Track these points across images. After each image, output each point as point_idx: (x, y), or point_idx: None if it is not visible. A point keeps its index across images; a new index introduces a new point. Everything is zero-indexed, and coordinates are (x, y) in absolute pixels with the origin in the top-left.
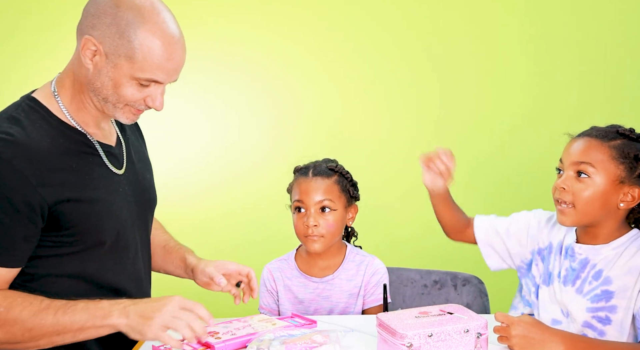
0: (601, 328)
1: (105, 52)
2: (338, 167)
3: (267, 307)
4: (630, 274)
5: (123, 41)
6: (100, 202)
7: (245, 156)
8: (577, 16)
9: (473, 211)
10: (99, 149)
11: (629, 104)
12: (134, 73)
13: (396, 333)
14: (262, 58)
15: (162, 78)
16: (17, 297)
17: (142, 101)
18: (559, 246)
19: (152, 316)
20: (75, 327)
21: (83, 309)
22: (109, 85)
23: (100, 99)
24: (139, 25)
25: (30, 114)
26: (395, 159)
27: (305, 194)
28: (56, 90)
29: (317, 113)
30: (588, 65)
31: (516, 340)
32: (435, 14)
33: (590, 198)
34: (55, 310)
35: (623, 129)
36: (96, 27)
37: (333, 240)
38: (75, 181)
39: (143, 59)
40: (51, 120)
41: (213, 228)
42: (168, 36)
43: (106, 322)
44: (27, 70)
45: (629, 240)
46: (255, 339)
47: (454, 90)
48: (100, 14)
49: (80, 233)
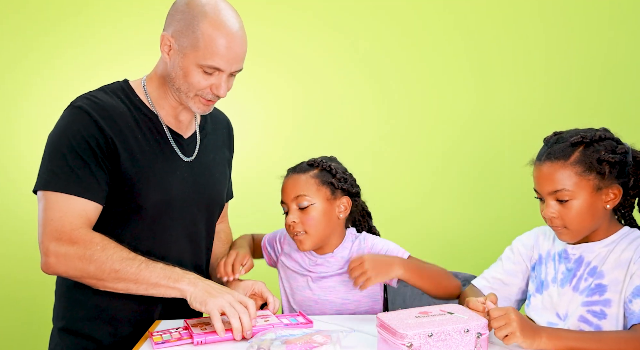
0: (597, 323)
1: (176, 44)
2: (318, 161)
3: (265, 245)
4: (620, 268)
5: (189, 32)
6: (153, 173)
7: (269, 156)
8: (577, 16)
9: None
10: (168, 134)
11: (624, 103)
12: (198, 60)
13: (396, 333)
14: (272, 58)
15: (223, 66)
16: (110, 241)
17: (208, 89)
18: (548, 255)
19: (216, 295)
20: (151, 281)
21: (161, 269)
22: (180, 74)
23: (175, 89)
24: (202, 19)
25: (118, 90)
26: (395, 159)
27: (284, 192)
28: (145, 83)
29: (320, 113)
30: (587, 66)
31: (516, 325)
32: (438, 14)
33: (579, 216)
34: (139, 263)
35: (575, 138)
36: (171, 24)
37: (321, 236)
38: (136, 149)
39: (205, 47)
40: (134, 99)
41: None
42: (227, 28)
43: (177, 285)
44: None
45: (620, 237)
46: (256, 338)
47: (459, 90)
48: (174, 13)
49: (125, 194)
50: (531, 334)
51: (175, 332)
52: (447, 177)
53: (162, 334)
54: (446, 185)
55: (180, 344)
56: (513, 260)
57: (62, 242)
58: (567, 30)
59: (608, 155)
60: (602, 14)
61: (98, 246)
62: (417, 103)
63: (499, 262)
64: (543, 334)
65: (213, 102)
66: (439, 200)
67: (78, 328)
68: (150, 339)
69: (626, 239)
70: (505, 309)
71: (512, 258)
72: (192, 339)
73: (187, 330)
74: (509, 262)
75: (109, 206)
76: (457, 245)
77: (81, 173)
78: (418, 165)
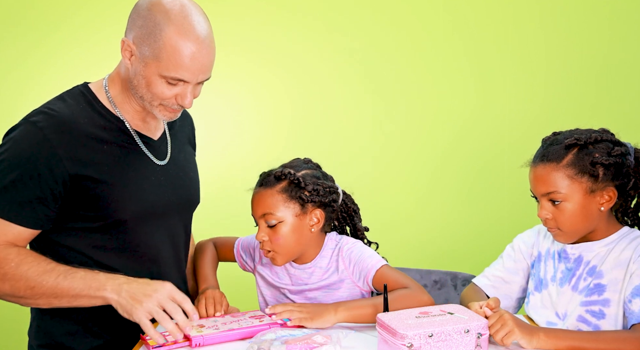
0: (596, 323)
1: (138, 52)
2: (287, 172)
3: (239, 250)
4: (620, 267)
5: (150, 41)
6: (127, 183)
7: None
8: (576, 16)
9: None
10: (136, 138)
11: (624, 103)
12: (161, 71)
13: (396, 333)
14: (267, 57)
15: (188, 77)
16: (28, 255)
17: (173, 99)
18: (547, 253)
19: (141, 300)
20: (71, 293)
21: (81, 278)
22: (143, 83)
23: (138, 97)
24: (165, 27)
25: (78, 96)
26: (393, 159)
27: (252, 207)
28: (107, 85)
29: (316, 113)
30: (586, 66)
31: (511, 323)
32: (435, 14)
33: (572, 218)
34: (57, 274)
35: (569, 140)
36: (132, 29)
37: (294, 252)
38: (105, 160)
39: (167, 58)
40: (96, 105)
41: (214, 229)
42: (192, 37)
43: (99, 294)
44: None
45: (620, 237)
46: (256, 339)
47: (456, 90)
48: (135, 17)
49: (103, 209)
50: (529, 332)
51: (169, 335)
52: (446, 177)
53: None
54: (445, 186)
55: (178, 346)
56: (514, 257)
57: None
58: (566, 30)
59: (602, 158)
60: (601, 13)
61: (12, 263)
62: (414, 103)
63: (500, 259)
64: (540, 332)
65: (179, 111)
66: (438, 201)
67: (62, 342)
68: (145, 343)
69: (626, 239)
70: (499, 313)
71: (512, 256)
72: (190, 342)
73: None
74: (509, 260)
75: (86, 223)
76: (456, 245)
77: (19, 197)
78: (416, 165)
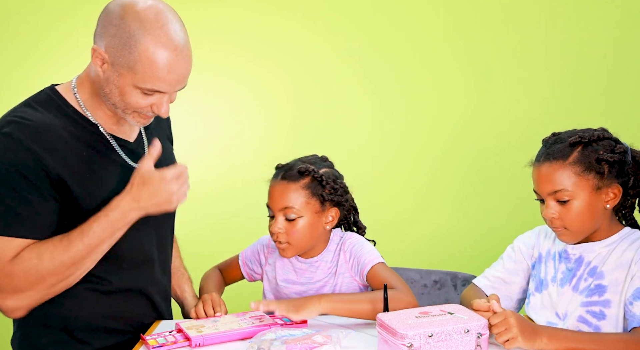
0: (596, 323)
1: (111, 61)
2: (310, 169)
3: (244, 260)
4: (621, 268)
5: (125, 52)
6: (106, 187)
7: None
8: (577, 16)
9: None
10: (112, 142)
11: (624, 104)
12: (136, 83)
13: (396, 333)
14: (272, 58)
15: (164, 88)
16: (39, 246)
17: (148, 108)
18: (548, 254)
19: (170, 200)
20: (105, 238)
21: (98, 226)
22: (116, 92)
23: (110, 104)
24: (140, 37)
25: (47, 102)
26: (393, 160)
27: (271, 198)
28: (76, 88)
29: (316, 114)
30: (587, 66)
31: (516, 330)
32: (434, 14)
33: (579, 217)
34: (79, 239)
35: (573, 138)
36: (103, 37)
37: (306, 246)
38: (83, 166)
39: (143, 70)
40: (67, 109)
41: (213, 229)
42: (169, 48)
43: (127, 218)
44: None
45: (621, 238)
46: (256, 339)
47: (456, 90)
48: (107, 24)
49: (85, 214)
50: (532, 337)
51: (169, 335)
52: (446, 178)
53: (157, 337)
54: (444, 186)
55: (178, 347)
56: (514, 258)
57: (5, 294)
58: (568, 30)
59: (607, 155)
60: (601, 13)
61: (34, 260)
62: (414, 103)
63: (500, 260)
64: (544, 335)
65: (153, 116)
66: (438, 201)
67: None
68: (145, 343)
69: (627, 240)
70: (504, 314)
71: (513, 257)
72: (190, 342)
73: (181, 333)
74: (510, 261)
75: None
76: (456, 245)
77: (20, 210)
78: (416, 165)
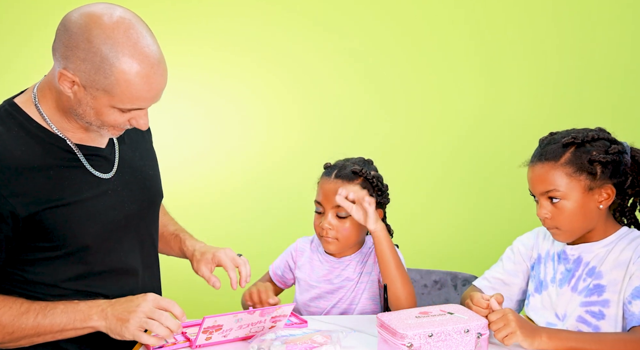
0: (595, 323)
1: (83, 84)
2: (363, 171)
3: (274, 271)
4: (619, 268)
5: (99, 77)
6: (81, 206)
7: (273, 156)
8: (584, 15)
9: None
10: (79, 155)
11: (616, 103)
12: (114, 104)
13: (396, 333)
14: (286, 57)
15: (144, 105)
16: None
17: (126, 123)
18: (547, 255)
19: (128, 318)
20: (55, 329)
21: (62, 312)
22: (91, 113)
23: (84, 122)
24: (115, 61)
25: (7, 120)
26: (397, 160)
27: (324, 195)
28: (37, 100)
29: (320, 115)
30: (596, 67)
31: (514, 324)
32: (439, 14)
33: (571, 217)
34: (35, 314)
35: (566, 139)
36: (70, 59)
37: (350, 243)
38: (52, 188)
39: (121, 93)
40: (30, 126)
41: (237, 226)
42: (146, 66)
43: (86, 325)
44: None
45: (619, 238)
46: (256, 339)
47: (461, 91)
48: (73, 47)
49: (61, 238)
50: (531, 333)
51: None
52: (447, 179)
53: None
54: (445, 187)
55: (178, 347)
56: (513, 260)
57: None
58: (576, 30)
59: (599, 156)
60: (602, 13)
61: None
62: (415, 104)
63: (500, 262)
64: (543, 333)
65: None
66: (439, 202)
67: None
68: (145, 344)
69: (625, 239)
70: (503, 311)
71: (512, 258)
72: (191, 343)
73: (181, 334)
74: (509, 262)
75: (49, 253)
76: (457, 245)
77: None
78: (418, 166)
